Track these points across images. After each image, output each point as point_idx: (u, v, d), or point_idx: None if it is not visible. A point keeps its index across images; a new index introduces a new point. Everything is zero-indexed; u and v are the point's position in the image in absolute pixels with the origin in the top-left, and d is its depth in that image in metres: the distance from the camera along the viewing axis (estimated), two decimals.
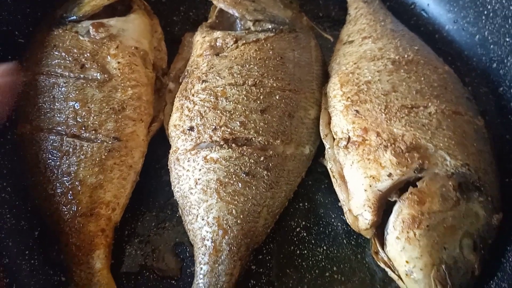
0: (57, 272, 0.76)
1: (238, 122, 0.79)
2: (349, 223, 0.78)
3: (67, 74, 0.83)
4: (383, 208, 0.75)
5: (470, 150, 0.76)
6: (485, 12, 0.95)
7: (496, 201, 0.75)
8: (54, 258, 0.77)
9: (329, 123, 0.85)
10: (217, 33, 0.90)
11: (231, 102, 0.80)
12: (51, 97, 0.81)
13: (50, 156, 0.78)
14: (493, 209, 0.73)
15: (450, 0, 1.03)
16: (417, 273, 0.68)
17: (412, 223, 0.69)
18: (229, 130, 0.78)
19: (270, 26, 0.92)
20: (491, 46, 0.94)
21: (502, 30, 0.91)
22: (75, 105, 0.80)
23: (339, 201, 0.81)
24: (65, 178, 0.76)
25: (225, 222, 0.74)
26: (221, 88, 0.82)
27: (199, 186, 0.76)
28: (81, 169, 0.77)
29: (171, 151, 0.83)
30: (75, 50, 0.84)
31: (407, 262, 0.69)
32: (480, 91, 0.94)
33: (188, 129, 0.80)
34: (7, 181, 0.80)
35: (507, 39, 0.90)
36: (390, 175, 0.73)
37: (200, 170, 0.77)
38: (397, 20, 1.00)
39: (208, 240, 0.74)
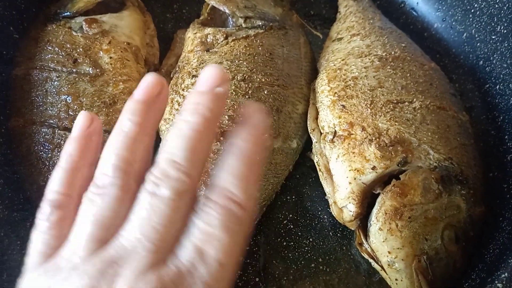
0: None
1: (226, 116, 0.80)
2: (334, 215, 0.79)
3: (59, 68, 0.84)
4: (368, 200, 0.76)
5: (453, 144, 0.78)
6: (472, 11, 0.96)
7: (479, 194, 0.76)
8: None
9: (317, 118, 0.86)
10: (208, 30, 0.91)
11: None
12: (44, 91, 0.83)
13: (41, 148, 0.79)
14: (475, 202, 0.75)
15: None
16: (398, 263, 0.69)
17: (394, 214, 0.71)
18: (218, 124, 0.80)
19: (260, 23, 0.93)
20: (478, 44, 0.96)
21: (488, 28, 0.92)
22: (67, 98, 0.81)
23: (325, 194, 0.82)
24: None
25: None
26: None
27: None
28: None
29: (161, 144, 0.84)
30: (68, 45, 0.86)
31: (389, 252, 0.70)
32: (467, 87, 0.96)
33: None
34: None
35: (493, 37, 0.91)
36: (374, 168, 0.74)
37: None
38: (386, 18, 1.02)
39: None
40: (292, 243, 0.81)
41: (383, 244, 0.71)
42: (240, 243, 0.39)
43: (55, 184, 0.46)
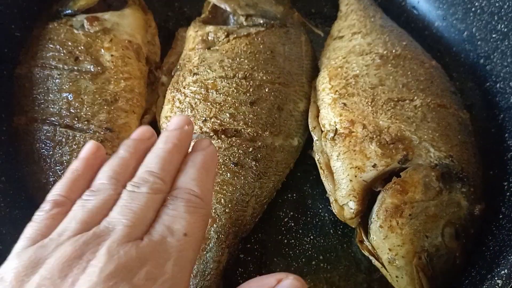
0: None
1: (227, 114, 0.81)
2: (335, 213, 0.79)
3: (61, 66, 0.84)
4: (368, 198, 0.76)
5: (454, 142, 0.78)
6: (473, 9, 0.96)
7: (479, 191, 0.77)
8: None
9: (318, 115, 0.87)
10: (209, 28, 0.92)
11: (221, 95, 0.82)
12: (46, 88, 0.83)
13: (43, 146, 0.80)
14: (475, 199, 0.75)
15: None
16: (399, 260, 0.69)
17: (394, 212, 0.71)
18: (218, 121, 0.80)
19: (261, 21, 0.93)
20: (479, 42, 0.96)
21: (488, 27, 0.93)
22: (69, 96, 0.82)
23: (326, 192, 0.82)
24: (57, 167, 0.78)
25: (213, 211, 0.75)
26: (212, 81, 0.84)
27: None
28: (74, 158, 0.78)
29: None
30: (70, 43, 0.86)
31: (389, 250, 0.70)
32: (468, 85, 0.96)
33: None
34: (2, 171, 0.82)
35: (494, 35, 0.91)
36: (375, 165, 0.75)
37: None
38: (387, 17, 1.02)
39: None
40: (293, 241, 0.81)
41: (383, 241, 0.71)
42: (200, 224, 0.49)
43: (57, 189, 0.52)
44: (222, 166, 0.78)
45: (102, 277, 0.39)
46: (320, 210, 0.85)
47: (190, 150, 0.58)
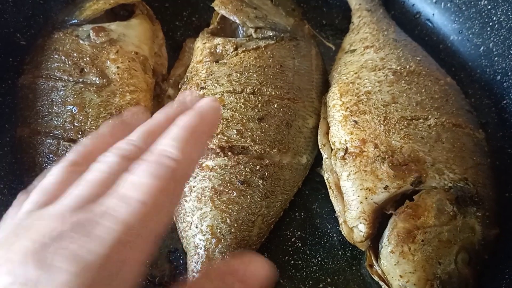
0: None
1: (235, 130, 0.78)
2: (344, 235, 0.77)
3: (66, 77, 0.83)
4: (379, 220, 0.74)
5: (469, 164, 0.75)
6: (490, 24, 0.93)
7: (494, 216, 0.74)
8: None
9: (328, 133, 0.84)
10: (218, 40, 0.89)
11: (228, 110, 0.80)
12: (50, 100, 0.81)
13: (46, 160, 0.78)
14: (490, 224, 0.72)
15: (456, 10, 1.02)
16: (410, 287, 0.67)
17: (406, 237, 0.68)
18: (225, 138, 0.78)
19: (271, 34, 0.91)
20: (496, 58, 0.93)
21: (507, 42, 0.90)
22: (73, 109, 0.80)
23: (335, 211, 0.80)
24: None
25: (218, 230, 0.73)
26: (219, 96, 0.82)
27: (193, 193, 0.76)
28: None
29: None
30: (75, 54, 0.84)
31: (401, 276, 0.68)
32: (483, 103, 0.93)
33: None
34: (4, 183, 0.81)
35: None
36: (386, 187, 0.72)
37: (195, 177, 0.76)
38: (401, 30, 0.99)
39: (201, 248, 0.73)
40: (300, 262, 0.79)
41: (394, 267, 0.68)
42: (169, 190, 0.40)
43: (72, 154, 0.47)
44: (228, 184, 0.75)
45: (18, 255, 0.35)
46: (328, 230, 0.82)
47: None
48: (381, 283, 0.73)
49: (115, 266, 0.36)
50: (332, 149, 0.82)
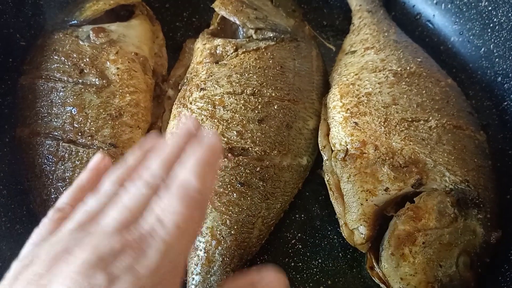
0: None
1: (235, 132, 0.78)
2: (345, 237, 0.76)
3: (65, 78, 0.82)
4: (379, 222, 0.73)
5: (470, 166, 0.75)
6: (491, 25, 0.93)
7: (495, 218, 0.73)
8: None
9: (328, 134, 0.84)
10: (218, 41, 0.89)
11: (228, 111, 0.80)
12: (49, 101, 0.81)
13: (45, 161, 0.78)
14: (492, 226, 0.72)
15: (456, 11, 1.02)
16: None
17: (407, 239, 0.68)
18: (225, 139, 0.77)
19: (271, 35, 0.91)
20: (496, 60, 0.93)
21: (507, 44, 0.89)
22: (73, 110, 0.80)
23: (336, 213, 0.80)
24: (59, 184, 0.76)
25: (218, 232, 0.73)
26: (219, 97, 0.81)
27: None
28: (76, 175, 0.76)
29: None
30: (75, 55, 0.84)
31: (401, 279, 0.67)
32: (484, 104, 0.93)
33: None
34: (3, 185, 0.80)
35: None
36: (387, 189, 0.72)
37: None
38: (401, 31, 0.99)
39: (201, 250, 0.73)
40: (300, 264, 0.79)
41: (395, 270, 0.68)
42: (195, 218, 0.45)
43: (64, 198, 0.53)
44: (228, 186, 0.75)
45: (81, 267, 0.39)
46: (329, 232, 0.82)
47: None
48: (381, 285, 0.72)
49: (160, 281, 0.41)
50: (332, 151, 0.82)
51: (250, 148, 0.78)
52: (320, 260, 0.79)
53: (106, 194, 0.49)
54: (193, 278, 0.72)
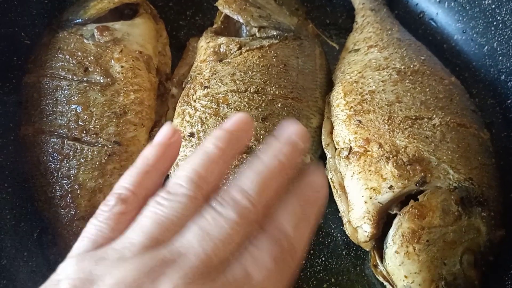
0: None
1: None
2: (349, 235, 0.77)
3: (70, 77, 0.83)
4: (383, 220, 0.73)
5: (474, 164, 0.75)
6: (495, 23, 0.93)
7: (499, 216, 0.74)
8: (53, 260, 0.78)
9: (331, 132, 0.84)
10: (221, 39, 0.89)
11: (232, 109, 0.80)
12: (54, 99, 0.81)
13: (50, 158, 0.78)
14: (496, 225, 0.72)
15: (460, 10, 1.02)
16: None
17: (411, 237, 0.68)
18: None
19: (275, 33, 0.91)
20: (500, 58, 0.93)
21: (511, 42, 0.89)
22: (77, 108, 0.80)
23: (339, 211, 0.80)
24: (64, 181, 0.77)
25: None
26: (223, 95, 0.81)
27: None
28: (81, 172, 0.77)
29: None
30: (79, 53, 0.84)
31: (405, 277, 0.68)
32: (487, 102, 0.93)
33: (188, 135, 0.80)
34: (8, 182, 0.81)
35: None
36: (391, 187, 0.72)
37: None
38: (405, 29, 0.99)
39: None
40: (303, 262, 0.79)
41: (399, 267, 0.68)
42: (285, 279, 0.40)
43: (125, 181, 0.46)
44: None
45: None
46: (332, 230, 0.82)
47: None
48: (385, 283, 0.73)
49: None
50: (336, 149, 0.82)
51: (254, 146, 0.78)
52: (323, 258, 0.79)
53: (182, 198, 0.42)
54: None
